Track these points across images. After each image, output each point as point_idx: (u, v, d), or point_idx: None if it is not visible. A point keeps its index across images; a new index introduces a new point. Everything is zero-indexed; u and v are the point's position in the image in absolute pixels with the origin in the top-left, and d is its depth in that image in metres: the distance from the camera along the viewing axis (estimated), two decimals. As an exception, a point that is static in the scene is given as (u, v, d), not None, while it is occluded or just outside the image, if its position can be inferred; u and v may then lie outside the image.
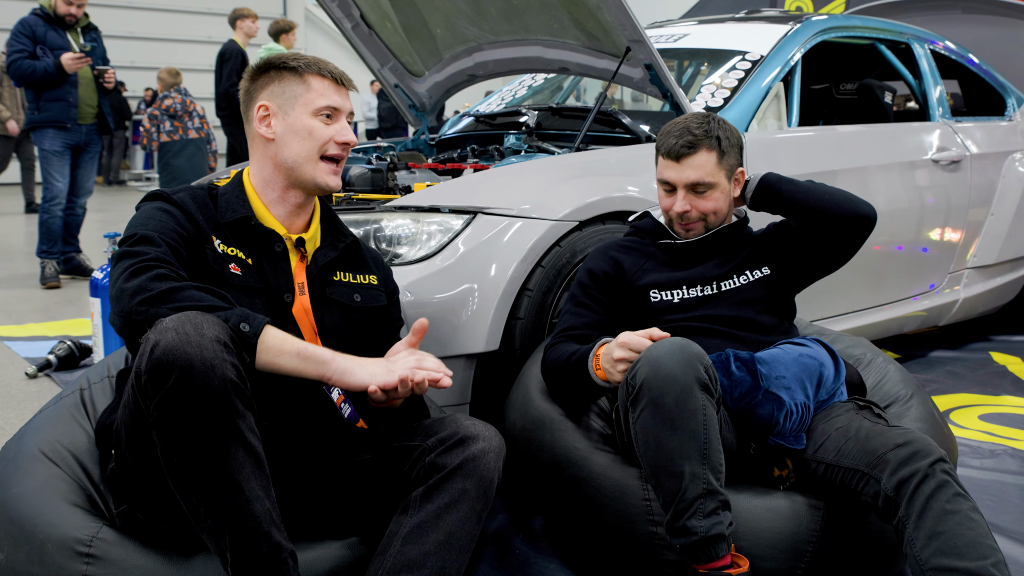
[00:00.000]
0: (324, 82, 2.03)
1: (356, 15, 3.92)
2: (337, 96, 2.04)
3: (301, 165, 2.01)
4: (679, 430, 1.92)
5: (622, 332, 2.14)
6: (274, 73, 2.05)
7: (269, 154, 2.03)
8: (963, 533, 1.78)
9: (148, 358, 1.56)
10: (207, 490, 1.59)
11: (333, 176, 2.04)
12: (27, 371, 4.13)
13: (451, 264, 2.70)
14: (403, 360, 1.86)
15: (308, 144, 2.01)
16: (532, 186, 2.93)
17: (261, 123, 2.03)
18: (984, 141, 4.61)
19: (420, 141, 4.35)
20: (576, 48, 3.70)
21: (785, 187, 2.44)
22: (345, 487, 1.89)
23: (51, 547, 1.78)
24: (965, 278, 4.55)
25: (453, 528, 1.75)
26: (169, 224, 1.89)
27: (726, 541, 1.90)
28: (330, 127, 2.03)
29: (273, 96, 2.03)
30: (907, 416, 2.37)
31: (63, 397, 2.23)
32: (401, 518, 1.78)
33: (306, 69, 2.03)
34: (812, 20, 4.04)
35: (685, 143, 2.38)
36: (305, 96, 2.01)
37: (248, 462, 1.61)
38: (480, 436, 1.82)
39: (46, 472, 1.95)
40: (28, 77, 6.24)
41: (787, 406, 2.12)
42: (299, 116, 2.01)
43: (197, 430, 1.56)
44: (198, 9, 17.43)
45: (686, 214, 2.43)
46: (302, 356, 1.75)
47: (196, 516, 1.62)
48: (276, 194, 2.05)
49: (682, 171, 2.40)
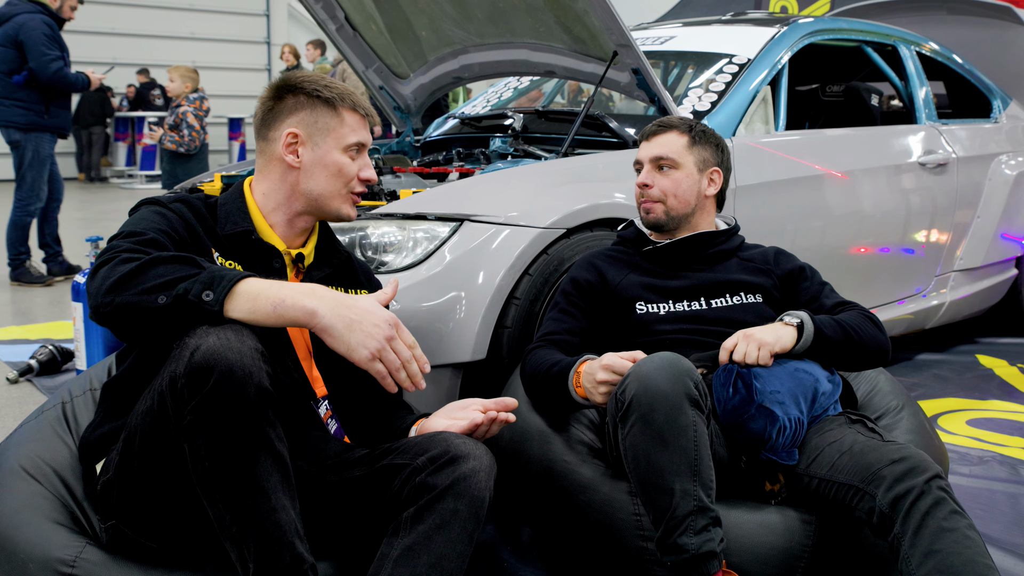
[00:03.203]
0: (355, 117, 2.01)
1: (341, 17, 3.90)
2: (364, 131, 2.03)
3: (327, 199, 2.00)
4: (669, 446, 1.89)
5: (606, 353, 2.13)
6: (305, 99, 2.00)
7: (289, 179, 2.00)
8: (960, 551, 1.77)
9: (188, 362, 1.54)
10: (235, 497, 1.58)
11: (354, 208, 2.06)
12: (8, 376, 4.08)
13: (438, 272, 2.67)
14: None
15: (336, 180, 1.99)
16: (519, 193, 2.91)
17: (287, 149, 1.99)
18: (970, 143, 4.61)
19: (405, 143, 4.32)
20: (563, 52, 3.68)
21: (828, 335, 2.27)
22: (334, 505, 1.86)
23: (33, 567, 1.75)
24: (952, 281, 4.56)
25: (444, 550, 1.72)
26: (162, 224, 1.85)
27: (717, 558, 1.88)
28: (356, 163, 2.01)
29: (304, 124, 1.99)
30: (898, 428, 2.36)
31: (44, 411, 2.18)
32: (392, 540, 1.75)
33: (340, 102, 1.99)
34: (799, 23, 4.02)
35: (658, 123, 2.55)
36: (338, 131, 1.99)
37: (276, 471, 1.61)
38: (471, 455, 1.79)
39: (27, 489, 1.90)
40: (72, 86, 6.25)
41: (780, 421, 2.10)
42: (329, 150, 1.99)
43: (230, 436, 1.56)
44: (180, 6, 17.33)
45: (646, 188, 2.50)
46: (278, 312, 1.66)
47: (222, 523, 1.60)
48: (286, 216, 2.02)
49: (650, 148, 2.53)
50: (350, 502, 1.85)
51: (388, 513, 1.79)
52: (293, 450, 1.87)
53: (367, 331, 1.67)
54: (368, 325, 1.67)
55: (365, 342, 1.66)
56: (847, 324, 2.29)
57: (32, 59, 6.08)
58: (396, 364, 1.69)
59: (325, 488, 1.87)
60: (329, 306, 1.66)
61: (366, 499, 1.83)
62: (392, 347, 1.68)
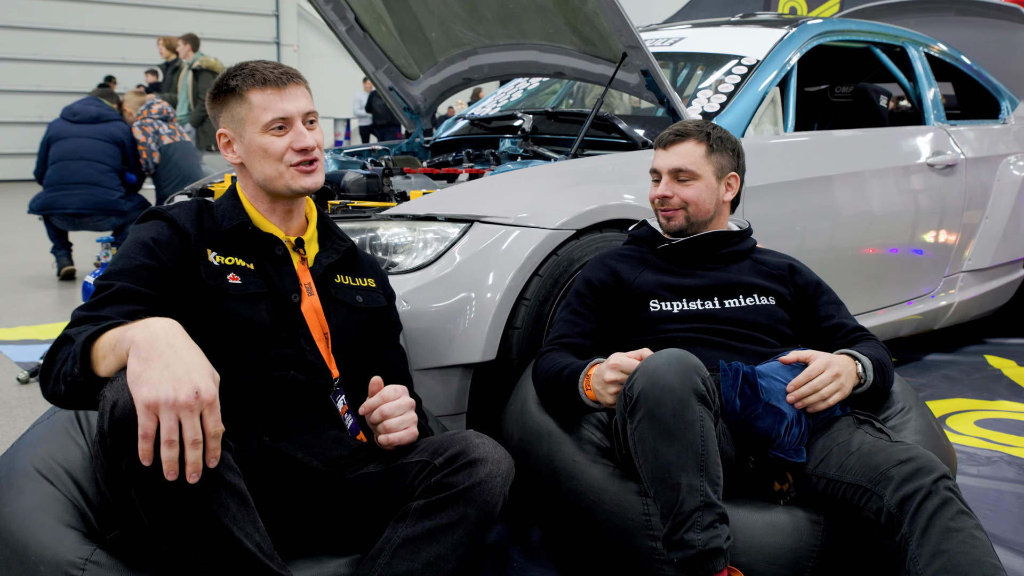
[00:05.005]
0: (264, 93, 1.97)
1: (350, 18, 3.91)
2: (282, 103, 1.97)
3: (272, 181, 2.00)
4: (676, 441, 1.90)
5: (614, 353, 2.14)
6: (221, 98, 2.02)
7: (245, 174, 2.04)
8: (967, 552, 1.77)
9: (109, 418, 1.48)
10: (196, 541, 1.56)
11: (307, 177, 2.00)
12: (19, 376, 4.10)
13: (448, 273, 2.68)
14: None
15: (269, 162, 1.98)
16: (529, 194, 2.92)
17: (226, 150, 2.04)
18: (978, 144, 4.61)
19: (415, 144, 4.34)
20: (572, 53, 3.69)
21: (877, 385, 2.33)
22: (349, 501, 1.88)
23: (44, 569, 1.75)
24: (960, 282, 4.55)
25: (445, 550, 1.74)
26: (140, 256, 1.87)
27: (723, 555, 1.88)
28: (283, 138, 1.98)
29: (227, 122, 2.02)
30: (906, 428, 2.36)
31: (56, 411, 2.20)
32: (397, 525, 1.77)
33: (243, 86, 1.98)
34: (808, 24, 4.02)
35: (675, 131, 2.52)
36: (250, 115, 1.98)
37: (232, 502, 1.57)
38: (488, 459, 1.80)
39: (40, 490, 1.91)
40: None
41: (787, 419, 2.11)
42: (251, 137, 1.98)
43: (174, 487, 1.49)
44: (189, 6, 17.38)
45: (667, 199, 2.50)
46: (117, 352, 1.55)
47: (188, 564, 1.59)
48: (265, 204, 2.05)
49: (668, 158, 2.51)
50: (366, 498, 1.87)
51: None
52: (307, 450, 1.89)
53: (168, 373, 1.45)
54: (176, 370, 1.46)
55: (154, 383, 1.44)
56: (887, 371, 2.38)
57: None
58: (173, 433, 1.44)
59: (340, 486, 1.88)
60: (150, 333, 1.50)
61: (382, 495, 1.85)
62: (179, 414, 1.44)
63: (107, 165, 6.50)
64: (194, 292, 1.88)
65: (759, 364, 2.26)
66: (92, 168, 6.45)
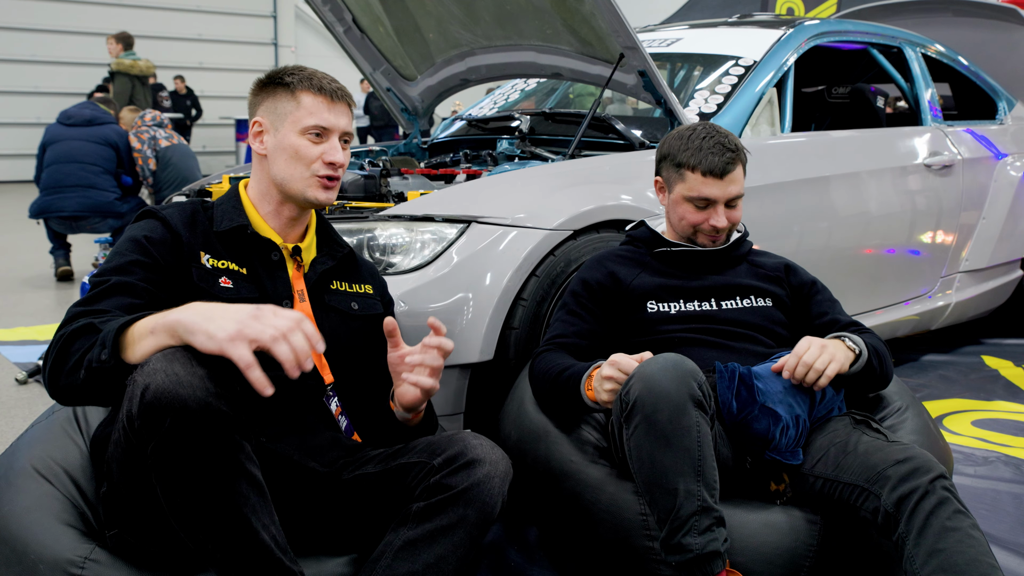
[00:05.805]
0: (316, 99, 2.00)
1: (348, 19, 3.92)
2: (329, 114, 2.01)
3: (290, 183, 2.00)
4: (673, 447, 1.90)
5: (614, 353, 2.14)
6: (270, 88, 2.04)
7: (264, 168, 2.04)
8: (963, 551, 1.78)
9: (139, 402, 1.50)
10: (214, 527, 1.57)
11: (325, 191, 2.03)
12: (17, 377, 4.10)
13: (445, 273, 2.69)
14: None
15: (296, 163, 1.99)
16: (526, 195, 2.93)
17: (255, 139, 2.04)
18: (975, 145, 4.62)
19: (412, 145, 4.34)
20: (569, 54, 3.69)
21: (874, 365, 2.32)
22: (348, 502, 1.88)
23: (43, 568, 1.76)
24: (957, 282, 4.56)
25: (446, 552, 1.74)
26: (134, 253, 1.88)
27: (721, 558, 1.89)
28: (319, 146, 2.00)
29: (267, 112, 2.03)
30: (902, 428, 2.37)
31: (55, 411, 2.21)
32: (398, 528, 1.77)
33: (298, 85, 2.00)
34: (805, 25, 4.03)
35: (728, 160, 2.41)
36: (295, 114, 2.00)
37: (252, 493, 1.59)
38: (486, 460, 1.80)
39: (39, 489, 1.92)
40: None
41: (784, 421, 2.12)
42: (287, 134, 2.00)
43: (198, 472, 1.53)
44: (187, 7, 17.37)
45: (723, 228, 2.46)
46: (156, 336, 1.59)
47: (205, 552, 1.60)
48: (272, 207, 2.05)
49: (726, 187, 2.42)
50: (364, 499, 1.87)
51: (401, 509, 1.80)
52: (305, 451, 1.89)
53: (241, 314, 1.55)
54: (232, 312, 1.56)
55: (224, 325, 1.53)
56: (883, 356, 2.35)
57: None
58: (267, 333, 1.53)
59: (338, 486, 1.88)
60: (193, 310, 1.57)
61: (380, 496, 1.85)
62: (260, 322, 1.54)
63: (101, 167, 6.53)
64: (185, 293, 1.88)
65: (755, 365, 2.26)
66: (86, 170, 6.48)
